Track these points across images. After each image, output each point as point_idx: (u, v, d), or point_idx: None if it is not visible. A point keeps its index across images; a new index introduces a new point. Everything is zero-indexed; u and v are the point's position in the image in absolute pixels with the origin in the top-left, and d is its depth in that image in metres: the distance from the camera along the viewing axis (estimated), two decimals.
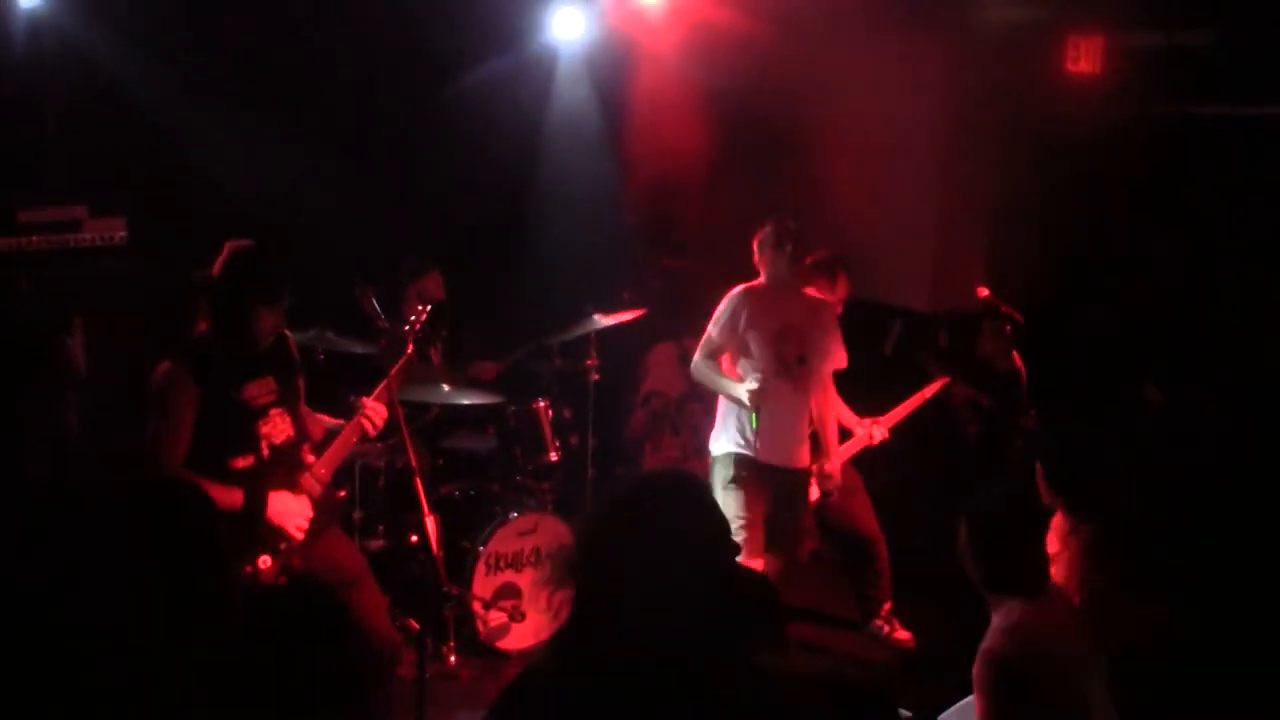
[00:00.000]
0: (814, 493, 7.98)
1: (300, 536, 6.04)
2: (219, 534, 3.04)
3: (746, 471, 7.57)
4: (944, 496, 8.66)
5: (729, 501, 7.47)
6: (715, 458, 7.74)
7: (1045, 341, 8.64)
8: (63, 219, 8.12)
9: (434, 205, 9.93)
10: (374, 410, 6.20)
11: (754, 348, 7.54)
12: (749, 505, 7.52)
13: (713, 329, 7.63)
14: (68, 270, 8.08)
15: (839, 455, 8.01)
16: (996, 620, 4.87)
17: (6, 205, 7.99)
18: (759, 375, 7.43)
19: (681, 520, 3.18)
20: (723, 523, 3.26)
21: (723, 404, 7.70)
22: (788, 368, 7.53)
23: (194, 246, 6.25)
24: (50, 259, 8.06)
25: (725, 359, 7.66)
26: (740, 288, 7.62)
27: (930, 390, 8.32)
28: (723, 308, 7.60)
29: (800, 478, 7.72)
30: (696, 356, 7.75)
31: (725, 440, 7.68)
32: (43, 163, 8.77)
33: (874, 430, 8.19)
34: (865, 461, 8.38)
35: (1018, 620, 4.81)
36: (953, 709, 5.39)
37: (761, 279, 7.69)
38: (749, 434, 7.52)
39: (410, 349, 6.31)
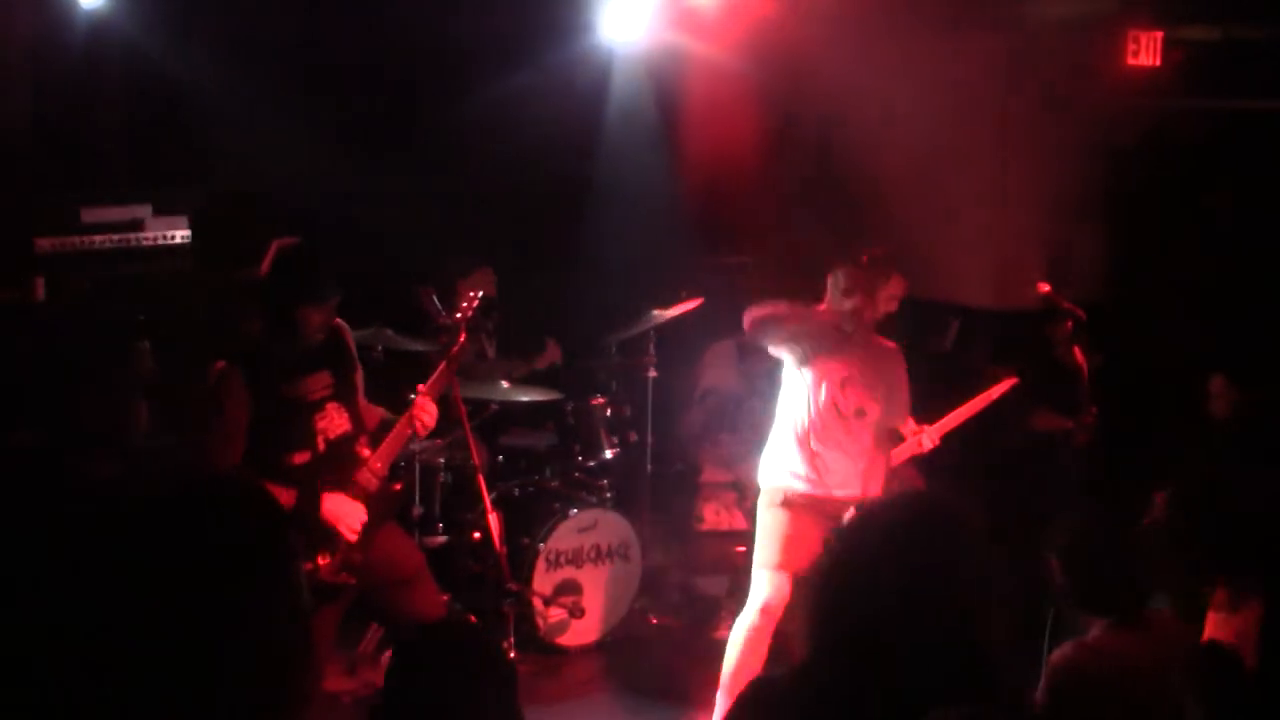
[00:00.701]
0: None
1: (353, 538, 6.07)
2: (290, 535, 3.04)
3: (802, 502, 7.20)
4: (1005, 500, 8.65)
5: (780, 521, 7.19)
6: (767, 490, 7.34)
7: (1107, 338, 8.57)
8: (125, 218, 8.16)
9: (492, 204, 9.94)
10: (424, 410, 6.23)
11: (813, 386, 7.23)
12: (800, 530, 7.11)
13: (805, 326, 7.22)
14: (130, 270, 8.12)
15: (895, 457, 7.93)
16: (1082, 637, 4.82)
17: (70, 204, 8.04)
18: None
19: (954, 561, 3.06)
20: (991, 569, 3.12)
21: (776, 431, 7.40)
22: (844, 418, 7.25)
23: (255, 246, 6.29)
24: (113, 258, 8.11)
25: None
26: (820, 313, 7.36)
27: (995, 392, 8.21)
28: (801, 321, 7.34)
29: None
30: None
31: (780, 474, 7.31)
32: (105, 162, 8.83)
33: (923, 438, 8.00)
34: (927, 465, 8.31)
35: (1096, 641, 4.75)
36: None
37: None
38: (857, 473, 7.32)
39: (463, 338, 6.32)
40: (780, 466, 7.25)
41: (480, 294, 6.39)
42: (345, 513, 6.06)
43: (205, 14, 8.76)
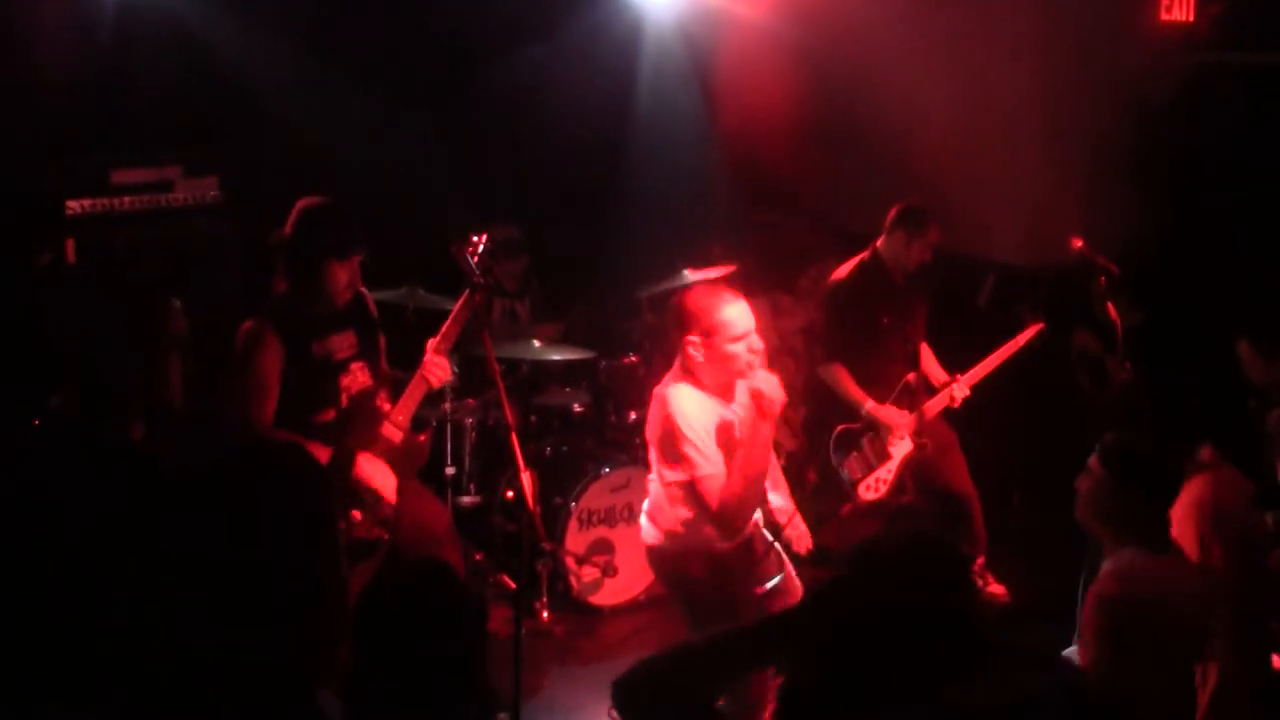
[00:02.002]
0: (905, 447, 7.99)
1: (393, 498, 6.07)
2: (330, 495, 3.04)
3: None
4: (1043, 450, 8.64)
5: None
6: None
7: (1142, 293, 8.53)
8: (155, 180, 8.15)
9: (526, 164, 9.92)
10: (435, 364, 6.21)
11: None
12: None
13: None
14: (161, 231, 8.12)
15: (929, 410, 8.02)
16: (1108, 566, 4.81)
17: (100, 166, 8.04)
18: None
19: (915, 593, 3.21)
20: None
21: None
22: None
23: (286, 206, 6.27)
24: (144, 219, 8.10)
25: None
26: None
27: (1023, 338, 8.25)
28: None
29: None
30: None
31: None
32: (135, 124, 8.82)
33: (954, 389, 8.14)
34: (963, 416, 8.32)
35: (1129, 567, 4.74)
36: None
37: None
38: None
39: (467, 293, 6.25)
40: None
41: (483, 237, 6.31)
42: (374, 474, 6.07)
43: None
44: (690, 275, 8.63)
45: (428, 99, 9.43)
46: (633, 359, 8.81)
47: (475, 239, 6.29)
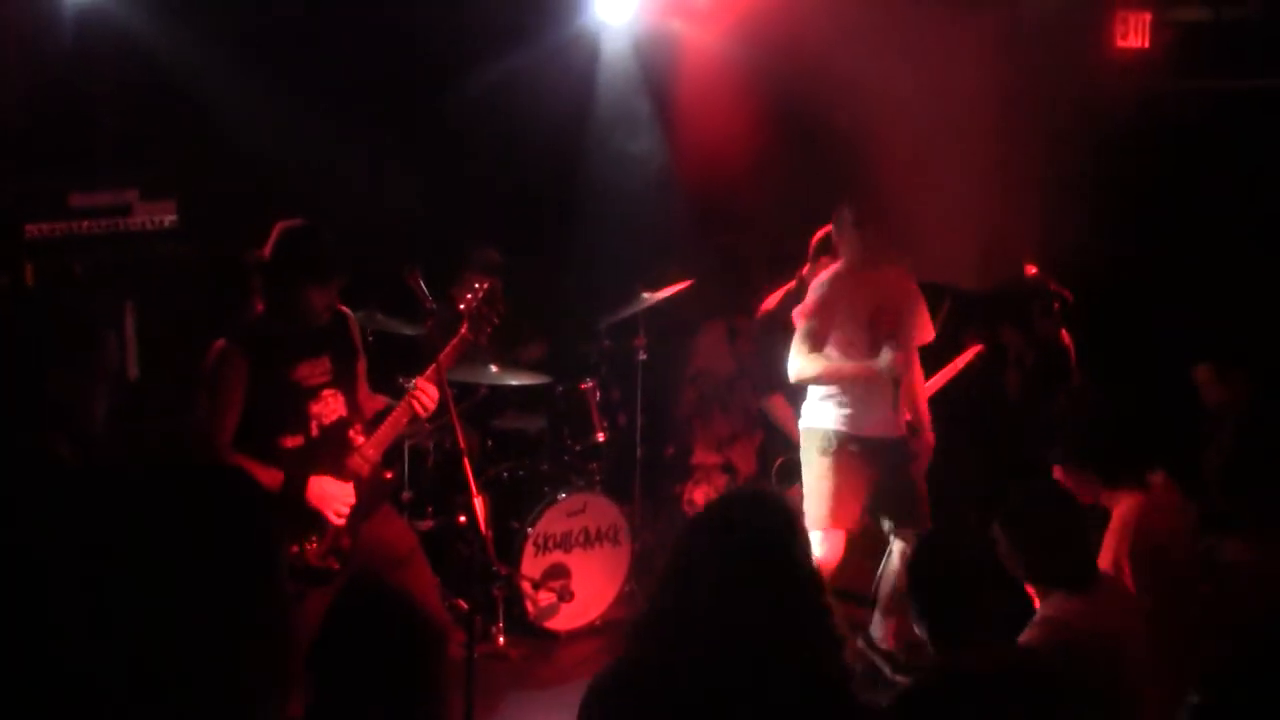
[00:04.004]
0: None
1: (339, 522, 6.07)
2: (271, 519, 3.03)
3: (851, 445, 7.51)
4: (990, 470, 8.68)
5: (827, 470, 7.49)
6: (812, 430, 7.63)
7: (1095, 319, 8.61)
8: (113, 203, 8.16)
9: (481, 186, 9.94)
10: (425, 392, 6.21)
11: (849, 333, 7.47)
12: (849, 476, 7.50)
13: (810, 322, 7.46)
14: (119, 255, 8.13)
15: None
16: (1041, 612, 4.86)
17: (57, 190, 8.04)
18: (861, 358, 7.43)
19: (759, 538, 3.29)
20: (802, 546, 3.41)
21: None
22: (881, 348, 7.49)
23: (244, 229, 6.28)
24: (101, 243, 8.11)
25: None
26: (827, 275, 7.57)
27: (961, 361, 8.27)
28: (814, 298, 7.51)
29: (903, 445, 7.63)
30: (797, 357, 7.50)
31: (824, 415, 7.60)
32: (93, 147, 8.82)
33: None
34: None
35: (1057, 613, 4.79)
36: None
37: (841, 262, 7.66)
38: (895, 408, 7.48)
39: (465, 329, 6.32)
40: (826, 409, 7.58)
41: (485, 285, 6.37)
42: (331, 494, 6.05)
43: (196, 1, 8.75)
44: (647, 297, 8.67)
45: (386, 122, 9.45)
46: (589, 383, 8.83)
47: (477, 285, 6.35)
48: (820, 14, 9.29)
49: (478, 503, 6.06)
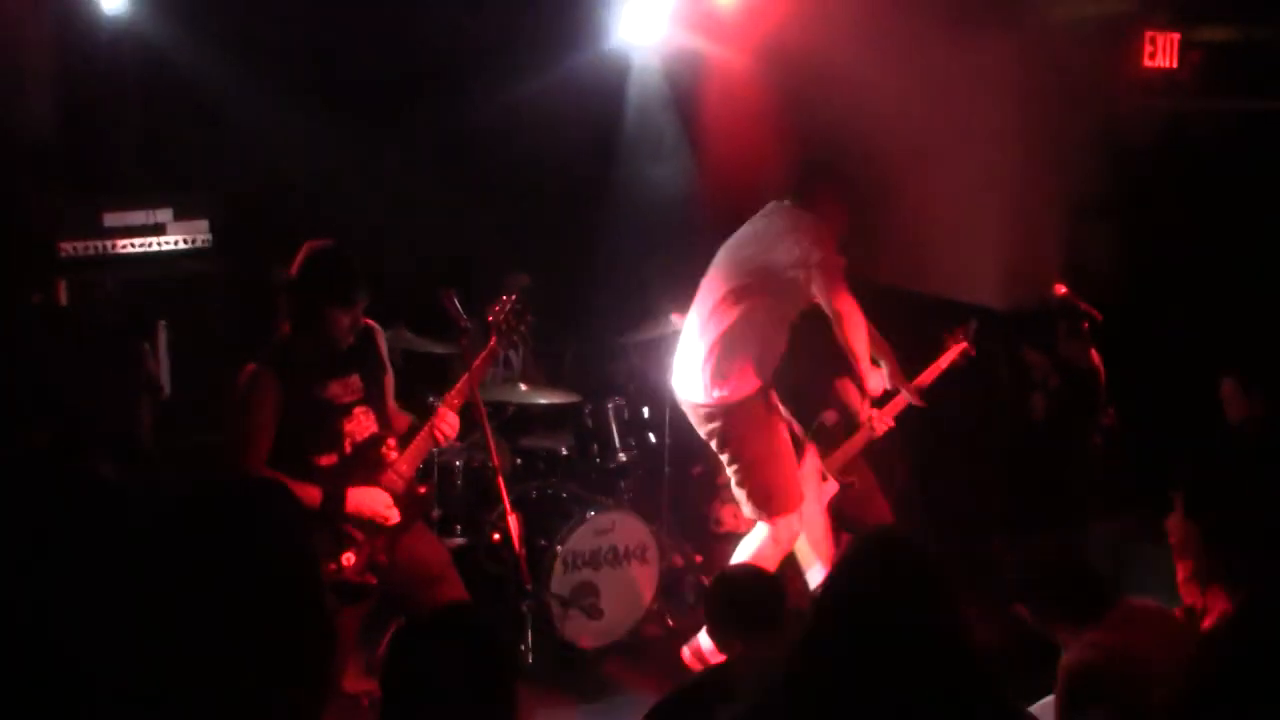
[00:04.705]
0: (830, 488, 7.93)
1: (391, 520, 6.11)
2: (309, 534, 3.05)
3: None
4: (1017, 493, 8.66)
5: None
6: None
7: (1124, 340, 8.60)
8: (147, 222, 8.22)
9: (510, 205, 9.97)
10: (446, 420, 6.26)
11: None
12: None
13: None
14: (152, 273, 8.18)
15: (850, 448, 7.98)
16: (1075, 645, 4.89)
17: (92, 208, 8.10)
18: None
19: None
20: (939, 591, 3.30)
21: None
22: None
23: (277, 248, 6.32)
24: (135, 262, 8.17)
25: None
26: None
27: (945, 360, 8.11)
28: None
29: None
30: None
31: None
32: (127, 166, 8.89)
33: (873, 422, 8.00)
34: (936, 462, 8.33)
35: (1096, 638, 4.82)
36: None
37: None
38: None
39: (493, 340, 6.36)
40: None
41: (514, 297, 6.41)
42: (371, 500, 6.11)
43: (227, 18, 8.80)
44: (676, 320, 8.69)
45: (415, 141, 9.49)
46: (617, 402, 8.86)
47: (505, 297, 6.38)
48: (845, 33, 9.29)
49: (512, 520, 6.09)
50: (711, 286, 7.58)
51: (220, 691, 2.71)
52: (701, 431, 7.62)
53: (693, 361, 7.49)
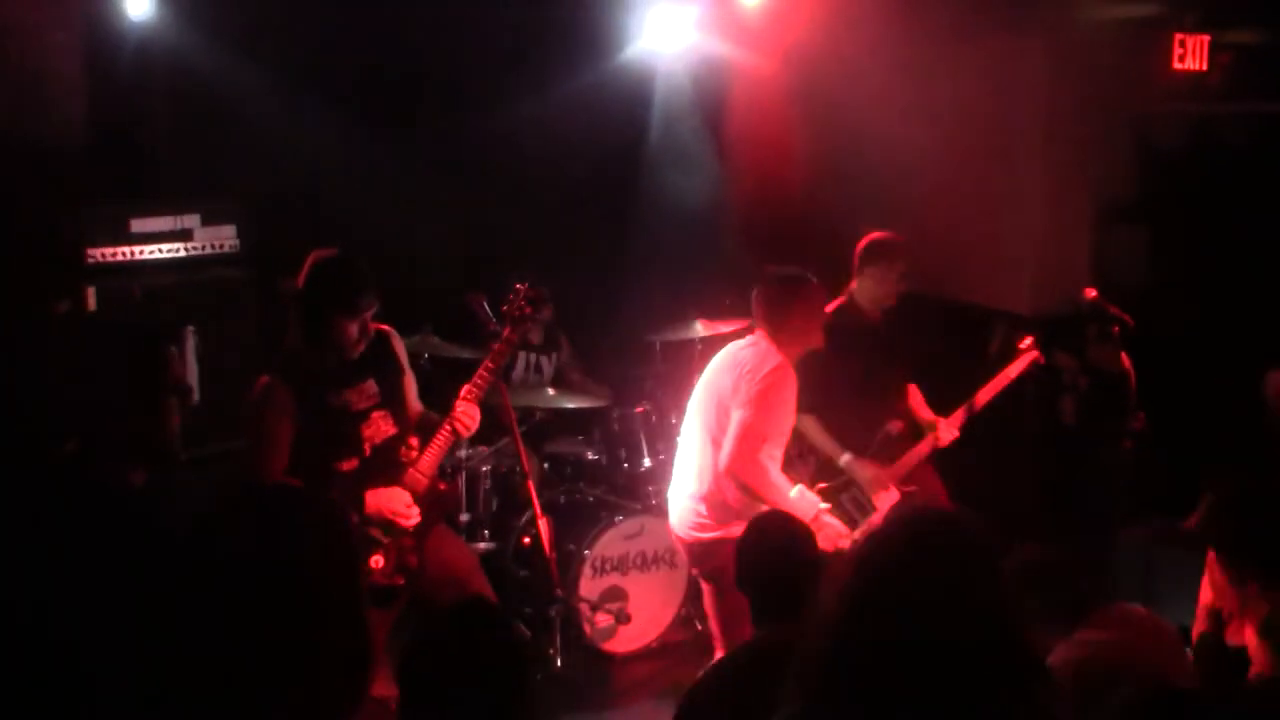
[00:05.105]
0: (891, 497, 7.85)
1: (410, 523, 6.11)
2: (350, 540, 3.04)
3: None
4: (1048, 495, 8.62)
5: None
6: None
7: (1154, 344, 8.55)
8: (175, 228, 8.23)
9: (538, 212, 9.97)
10: (467, 414, 6.26)
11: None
12: None
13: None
14: (180, 279, 8.19)
15: (913, 457, 7.93)
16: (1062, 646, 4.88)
17: (119, 214, 8.11)
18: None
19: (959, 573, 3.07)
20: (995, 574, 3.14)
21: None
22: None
23: (303, 253, 6.32)
24: (162, 268, 8.18)
25: None
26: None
27: (1014, 370, 8.08)
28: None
29: None
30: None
31: None
32: (154, 172, 8.91)
33: (940, 432, 8.00)
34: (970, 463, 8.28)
35: (1088, 638, 4.81)
36: None
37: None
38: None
39: (507, 331, 6.35)
40: None
41: (527, 285, 6.41)
42: (389, 501, 6.12)
43: (253, 24, 8.81)
44: (701, 326, 8.68)
45: (442, 146, 9.49)
46: (644, 407, 8.85)
47: (518, 286, 6.37)
48: (872, 39, 9.29)
49: (542, 525, 6.09)
50: None
51: (256, 697, 2.70)
52: None
53: None
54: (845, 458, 7.54)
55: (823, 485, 7.37)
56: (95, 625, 4.02)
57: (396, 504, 6.12)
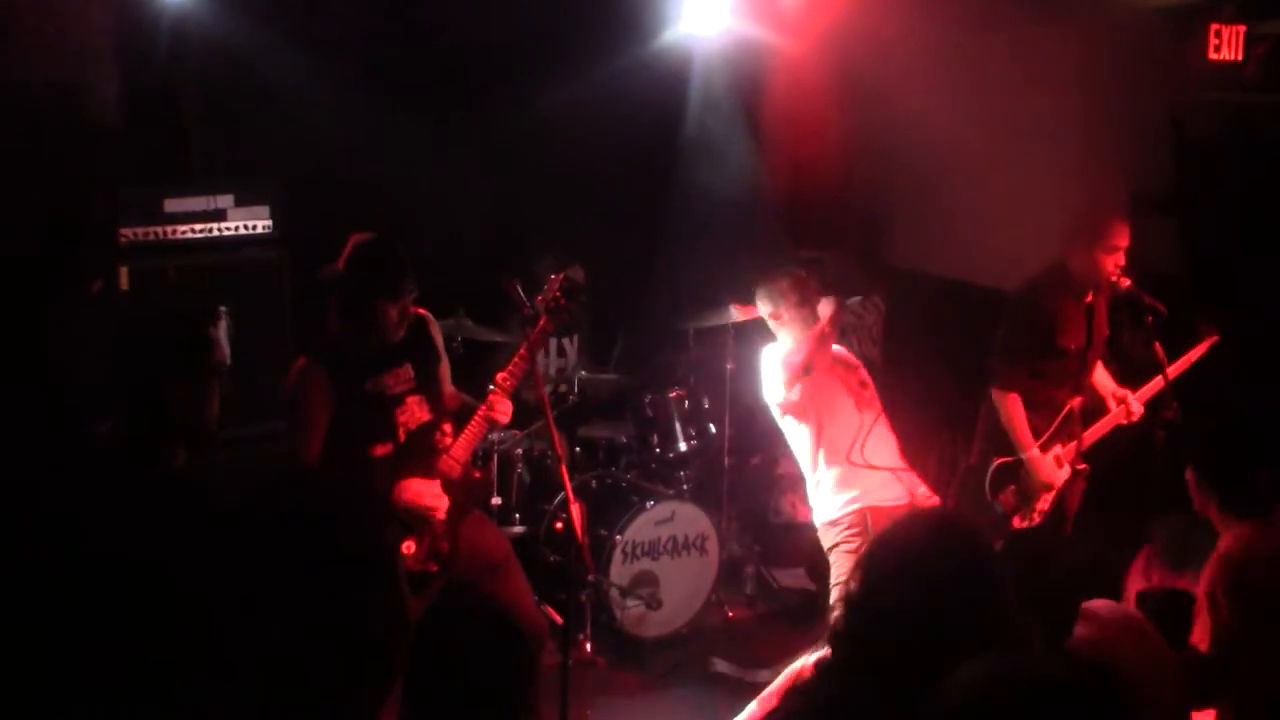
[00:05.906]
0: (1063, 474, 7.73)
1: (440, 514, 6.11)
2: (384, 529, 3.02)
3: None
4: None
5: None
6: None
7: (1188, 334, 8.51)
8: (208, 208, 8.24)
9: (573, 196, 9.96)
10: (498, 404, 6.25)
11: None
12: None
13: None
14: (213, 259, 8.20)
15: (1094, 434, 7.86)
16: (1226, 539, 5.17)
17: (153, 195, 8.12)
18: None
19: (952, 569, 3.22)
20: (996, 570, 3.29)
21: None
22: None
23: (337, 235, 6.32)
24: (196, 248, 8.19)
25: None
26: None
27: (1196, 352, 7.95)
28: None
29: None
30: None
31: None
32: (188, 153, 8.92)
33: (1129, 405, 7.89)
34: None
35: (1249, 537, 5.10)
36: None
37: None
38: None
39: (543, 320, 6.34)
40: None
41: (563, 276, 6.40)
42: (421, 492, 6.12)
43: (289, 5, 8.81)
44: (735, 312, 8.66)
45: (476, 131, 9.49)
46: (678, 392, 8.84)
47: (554, 276, 6.36)
48: (907, 25, 9.26)
49: (575, 509, 6.08)
50: None
51: (298, 680, 2.69)
52: None
53: None
54: (1031, 453, 7.54)
55: (999, 462, 7.58)
56: (133, 605, 4.02)
57: (426, 497, 6.11)
